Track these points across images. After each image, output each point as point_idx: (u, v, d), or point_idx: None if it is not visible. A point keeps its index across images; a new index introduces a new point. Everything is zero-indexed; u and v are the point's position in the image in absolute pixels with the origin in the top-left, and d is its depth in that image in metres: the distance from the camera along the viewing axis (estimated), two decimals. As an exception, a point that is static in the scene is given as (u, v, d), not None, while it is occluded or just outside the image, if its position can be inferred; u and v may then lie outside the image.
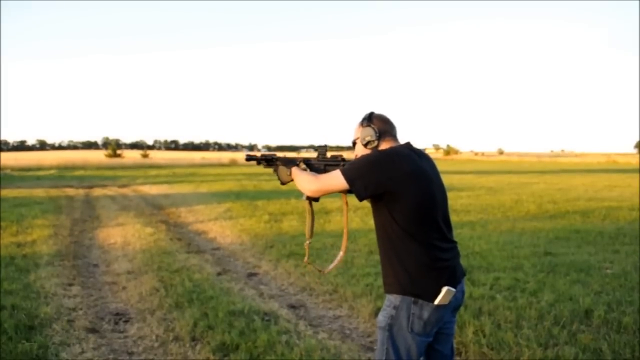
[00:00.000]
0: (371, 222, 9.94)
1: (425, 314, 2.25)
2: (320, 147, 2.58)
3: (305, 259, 2.65)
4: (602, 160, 75.81)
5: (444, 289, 2.25)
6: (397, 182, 2.20)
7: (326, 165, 2.59)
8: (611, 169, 46.44)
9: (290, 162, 2.64)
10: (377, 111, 2.48)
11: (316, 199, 2.57)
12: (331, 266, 2.67)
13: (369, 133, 2.38)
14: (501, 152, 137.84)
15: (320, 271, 2.85)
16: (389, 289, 2.34)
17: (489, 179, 28.46)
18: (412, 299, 2.26)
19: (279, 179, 2.63)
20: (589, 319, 4.65)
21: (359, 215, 11.51)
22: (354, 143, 2.48)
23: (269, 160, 2.69)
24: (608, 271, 6.44)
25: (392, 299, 2.31)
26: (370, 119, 2.42)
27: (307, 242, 2.61)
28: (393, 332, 2.29)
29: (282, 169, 2.61)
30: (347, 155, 2.65)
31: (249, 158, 2.73)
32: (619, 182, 24.37)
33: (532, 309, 4.83)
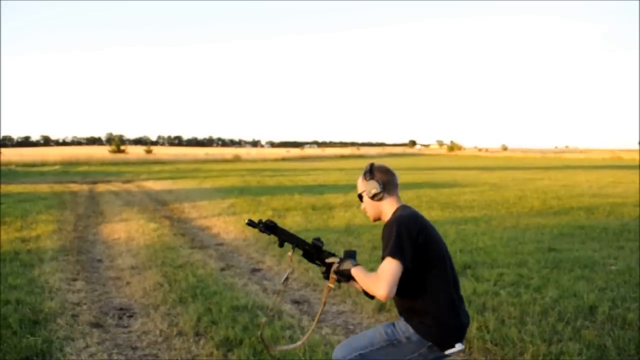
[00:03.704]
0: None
1: (430, 357, 2.36)
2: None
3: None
4: (606, 156, 75.52)
5: (458, 346, 2.35)
6: (426, 240, 2.30)
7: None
8: (616, 165, 46.28)
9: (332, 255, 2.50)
10: (376, 163, 2.53)
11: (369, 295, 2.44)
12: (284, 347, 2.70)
13: (374, 186, 2.43)
14: (505, 148, 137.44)
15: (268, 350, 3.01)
16: (414, 325, 2.35)
17: (492, 175, 28.40)
18: (430, 344, 2.35)
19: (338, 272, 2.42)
20: (593, 315, 4.64)
21: (363, 212, 11.49)
22: (360, 196, 2.54)
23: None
24: (612, 267, 6.42)
25: (412, 332, 2.36)
26: (372, 172, 2.46)
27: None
28: (387, 349, 2.38)
29: (346, 264, 2.41)
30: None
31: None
32: (623, 179, 24.28)
33: (536, 305, 4.81)
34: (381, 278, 2.18)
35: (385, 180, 2.44)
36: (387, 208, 2.46)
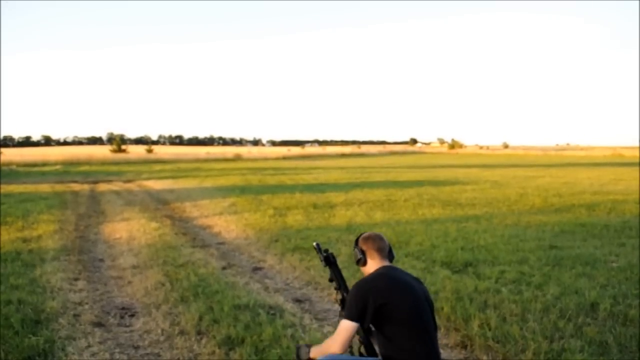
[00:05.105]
0: (375, 216, 9.91)
1: None
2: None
3: None
4: (607, 153, 75.44)
5: None
6: (381, 298, 2.47)
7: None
8: (617, 162, 46.25)
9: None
10: (365, 233, 2.83)
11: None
12: None
13: (356, 254, 2.76)
14: (506, 146, 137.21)
15: None
16: None
17: (494, 172, 28.39)
18: None
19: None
20: (594, 312, 4.64)
21: (364, 210, 11.50)
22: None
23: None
24: (614, 264, 6.41)
25: None
26: (356, 242, 2.79)
27: None
28: None
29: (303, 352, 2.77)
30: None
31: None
32: (624, 176, 24.26)
33: (538, 302, 4.81)
34: (336, 338, 2.50)
35: (365, 247, 2.73)
36: (370, 271, 2.71)
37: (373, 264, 2.71)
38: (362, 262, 2.73)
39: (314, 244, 2.95)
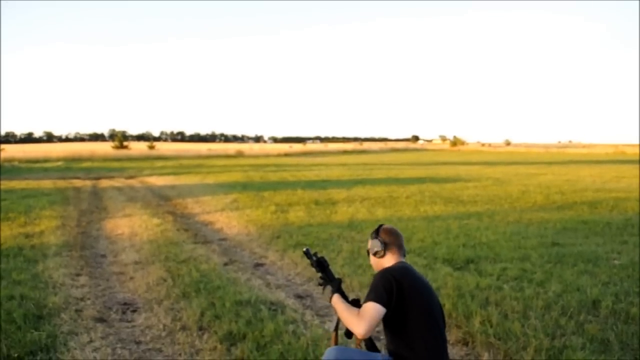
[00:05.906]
0: (377, 213, 9.90)
1: None
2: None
3: None
4: (609, 151, 75.13)
5: None
6: (404, 292, 2.45)
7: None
8: (619, 159, 46.11)
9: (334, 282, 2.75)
10: (386, 225, 2.78)
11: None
12: None
13: (376, 245, 2.69)
14: (508, 143, 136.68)
15: None
16: None
17: (496, 169, 28.35)
18: None
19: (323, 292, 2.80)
20: (596, 310, 4.63)
21: (366, 207, 11.50)
22: (368, 252, 2.77)
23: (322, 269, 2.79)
24: (616, 262, 6.40)
25: None
26: (377, 232, 2.73)
27: None
28: None
29: (327, 289, 2.74)
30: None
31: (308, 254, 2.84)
32: (626, 173, 24.20)
33: (540, 300, 4.81)
34: (364, 317, 2.40)
35: (387, 240, 2.69)
36: (387, 264, 2.67)
37: (391, 259, 2.68)
38: (380, 254, 2.68)
39: (304, 249, 2.85)
